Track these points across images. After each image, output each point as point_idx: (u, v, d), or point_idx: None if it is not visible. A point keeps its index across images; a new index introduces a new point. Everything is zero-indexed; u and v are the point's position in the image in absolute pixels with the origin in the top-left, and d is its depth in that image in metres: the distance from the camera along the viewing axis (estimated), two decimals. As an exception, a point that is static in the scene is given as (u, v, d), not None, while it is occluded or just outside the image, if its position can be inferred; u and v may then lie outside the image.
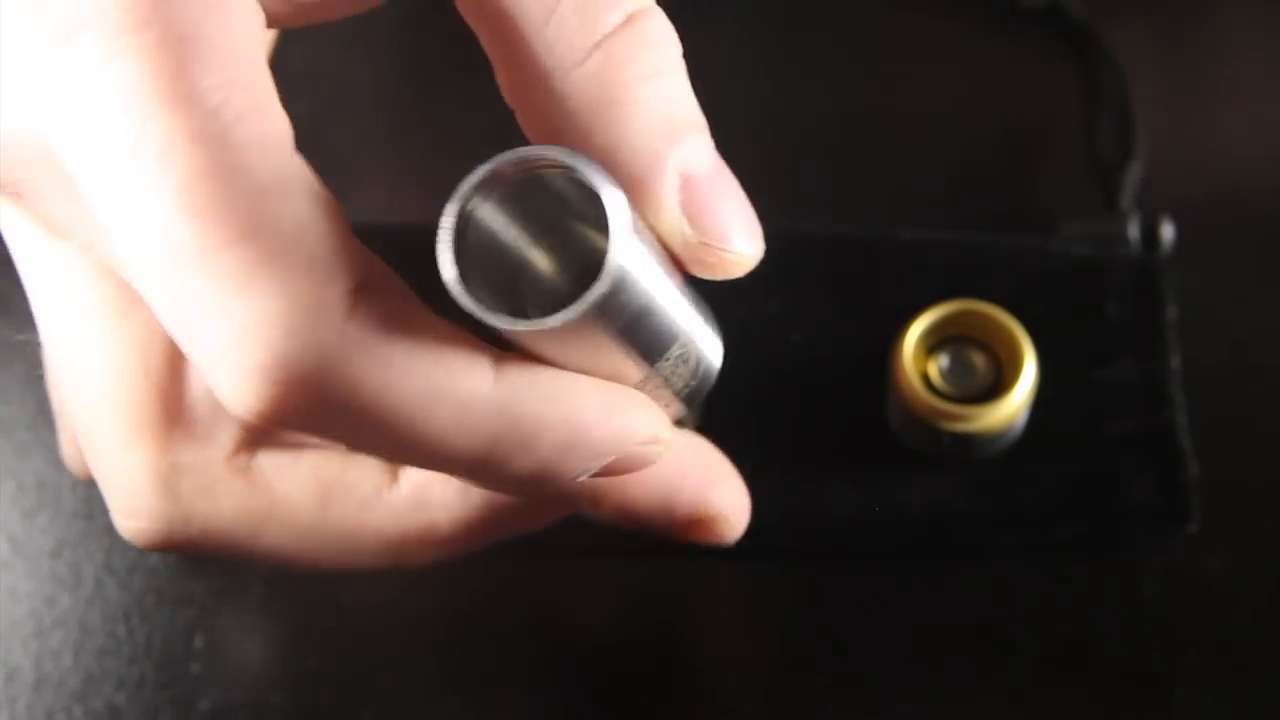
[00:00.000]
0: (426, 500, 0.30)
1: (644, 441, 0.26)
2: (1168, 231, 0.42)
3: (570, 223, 0.25)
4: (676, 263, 0.26)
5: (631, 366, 0.25)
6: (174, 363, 0.28)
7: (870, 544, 0.39)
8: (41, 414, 0.41)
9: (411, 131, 0.45)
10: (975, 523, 0.39)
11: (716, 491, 0.31)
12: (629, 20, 0.24)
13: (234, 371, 0.22)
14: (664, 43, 0.25)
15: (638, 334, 0.24)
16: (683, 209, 0.25)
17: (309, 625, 0.39)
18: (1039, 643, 0.38)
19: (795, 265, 0.42)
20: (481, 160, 0.23)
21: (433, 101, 0.46)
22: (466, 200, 0.23)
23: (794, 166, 0.45)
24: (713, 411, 0.40)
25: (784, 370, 0.40)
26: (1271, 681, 0.37)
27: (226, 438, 0.28)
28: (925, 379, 0.38)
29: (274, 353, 0.22)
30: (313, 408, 0.22)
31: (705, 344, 0.28)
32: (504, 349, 0.24)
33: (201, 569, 0.40)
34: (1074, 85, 0.46)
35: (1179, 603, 0.38)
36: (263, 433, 0.29)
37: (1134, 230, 0.42)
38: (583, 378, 0.25)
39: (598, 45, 0.24)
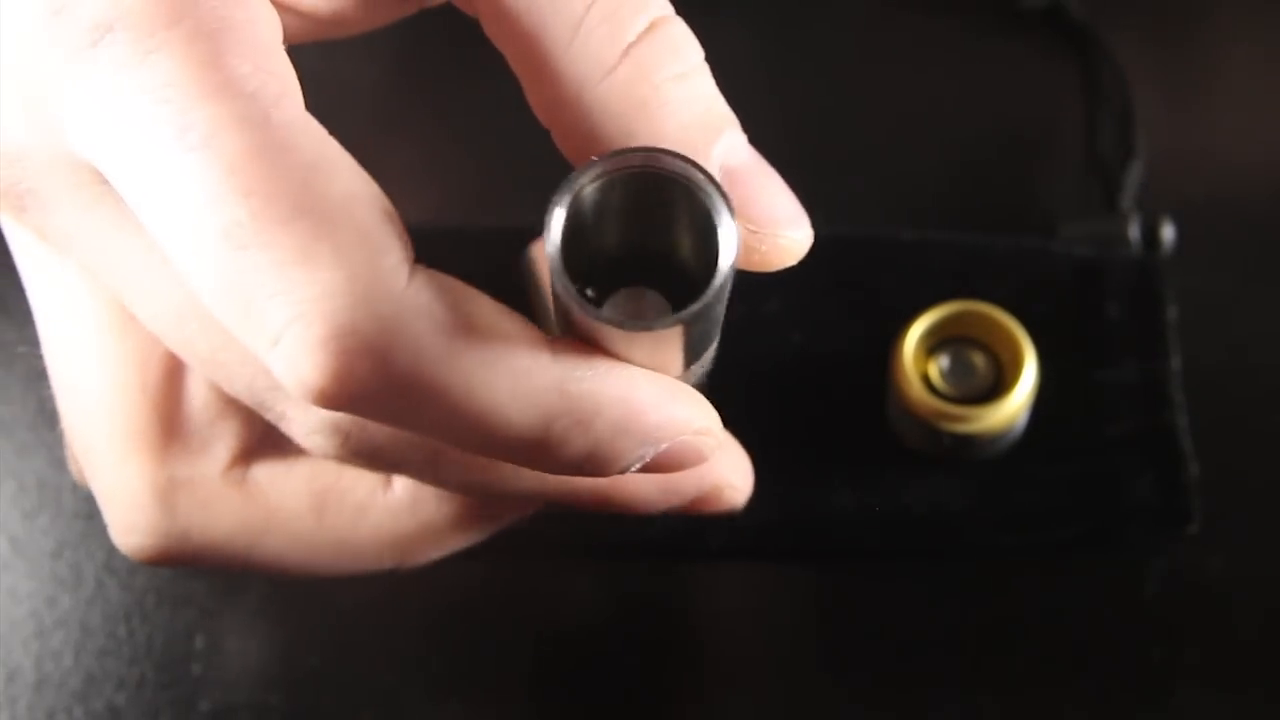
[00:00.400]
0: (421, 499, 0.30)
1: (697, 430, 0.25)
2: (1168, 232, 0.42)
3: (670, 218, 0.25)
4: None
5: (676, 367, 0.25)
6: (171, 378, 0.28)
7: (870, 544, 0.39)
8: (42, 414, 0.41)
9: (410, 134, 0.45)
10: (975, 523, 0.39)
11: (718, 463, 0.31)
12: (652, 26, 0.25)
13: (296, 348, 0.22)
14: (688, 45, 0.25)
15: (697, 341, 0.25)
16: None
17: (309, 625, 0.39)
18: (1039, 643, 0.38)
19: (795, 265, 0.42)
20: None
21: (431, 103, 0.46)
22: (580, 189, 0.23)
23: (794, 167, 0.45)
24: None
25: (784, 370, 0.40)
26: (1271, 681, 0.37)
27: (222, 451, 0.29)
28: (925, 380, 0.39)
29: (337, 324, 0.22)
30: (376, 380, 0.22)
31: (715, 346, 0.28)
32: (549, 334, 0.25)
33: (202, 570, 0.39)
34: (1074, 85, 0.46)
35: (1179, 603, 0.38)
36: (258, 444, 0.29)
37: (1134, 231, 0.42)
38: (635, 366, 0.25)
39: (625, 54, 0.24)
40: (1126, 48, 0.45)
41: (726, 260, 0.23)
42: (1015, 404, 0.38)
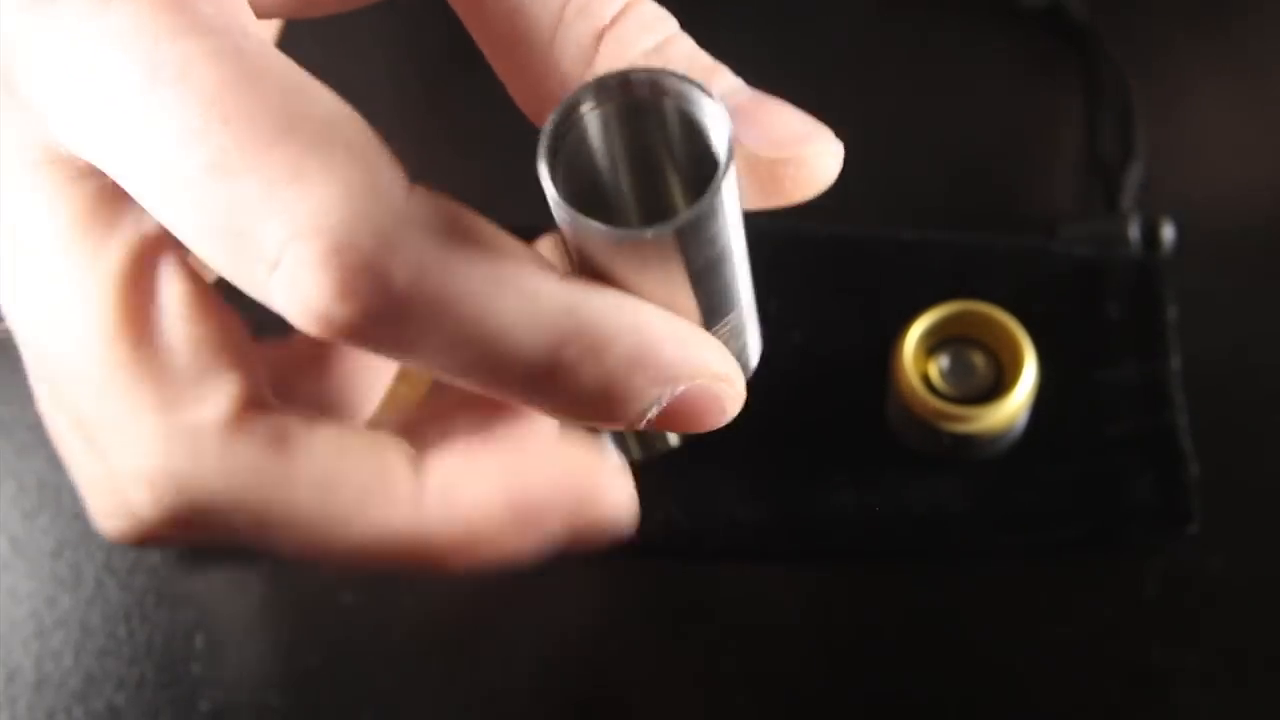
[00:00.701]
0: (455, 499, 0.26)
1: (716, 375, 0.24)
2: (1168, 232, 0.42)
3: (664, 162, 0.24)
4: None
5: (691, 313, 0.25)
6: (152, 317, 0.26)
7: (870, 544, 0.39)
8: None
9: (410, 134, 0.45)
10: (975, 523, 0.39)
11: (604, 488, 0.28)
12: (624, 10, 0.25)
13: (296, 268, 0.21)
14: (661, 20, 0.25)
15: (709, 281, 0.24)
16: (743, 139, 0.24)
17: (309, 625, 0.39)
18: (1039, 643, 0.38)
19: (795, 265, 0.42)
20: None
21: (432, 103, 0.46)
22: (572, 107, 0.22)
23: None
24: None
25: (784, 370, 0.40)
26: (1271, 681, 0.37)
27: (223, 401, 0.26)
28: (925, 379, 0.39)
29: (335, 240, 0.21)
30: (380, 297, 0.22)
31: (751, 334, 0.27)
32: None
33: (202, 569, 0.39)
34: (1074, 85, 0.46)
35: (1179, 603, 0.38)
36: (261, 397, 0.26)
37: (1134, 231, 0.42)
38: (652, 304, 0.24)
39: (601, 40, 0.24)
40: (1126, 48, 0.45)
41: (721, 145, 0.22)
42: (1015, 404, 0.38)
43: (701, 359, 0.24)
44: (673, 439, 0.40)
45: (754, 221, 0.45)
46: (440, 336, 0.22)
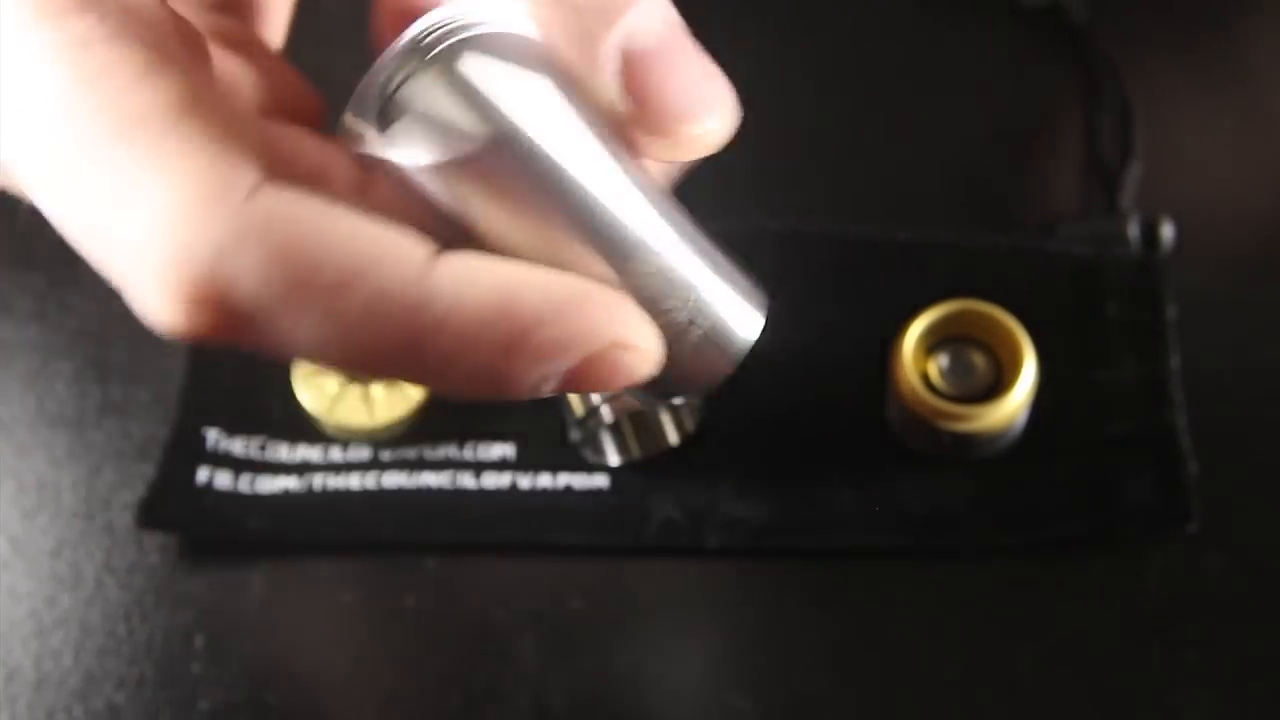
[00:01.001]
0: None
1: (612, 343, 0.22)
2: (1167, 231, 0.42)
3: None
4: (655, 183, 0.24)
5: (595, 261, 0.23)
6: None
7: (870, 544, 0.39)
8: (41, 414, 0.41)
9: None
10: (975, 522, 0.39)
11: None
12: None
13: (140, 285, 0.21)
14: None
15: (580, 202, 0.22)
16: (627, 88, 0.23)
17: (309, 625, 0.39)
18: (1039, 643, 0.38)
19: (795, 265, 0.42)
20: None
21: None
22: (402, 62, 0.22)
23: (794, 166, 0.45)
24: (713, 411, 0.40)
25: (784, 370, 0.40)
26: (1271, 681, 0.37)
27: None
28: (925, 379, 0.39)
29: (172, 253, 0.21)
30: (221, 310, 0.21)
31: (705, 279, 0.25)
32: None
33: (201, 569, 0.40)
34: (1074, 85, 0.46)
35: (1179, 603, 0.38)
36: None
37: (1134, 230, 0.42)
38: (538, 270, 0.22)
39: None
40: (1126, 48, 0.46)
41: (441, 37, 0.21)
42: (1015, 403, 0.38)
43: (587, 328, 0.22)
44: (672, 437, 0.40)
45: (754, 221, 0.45)
46: (296, 340, 0.22)
